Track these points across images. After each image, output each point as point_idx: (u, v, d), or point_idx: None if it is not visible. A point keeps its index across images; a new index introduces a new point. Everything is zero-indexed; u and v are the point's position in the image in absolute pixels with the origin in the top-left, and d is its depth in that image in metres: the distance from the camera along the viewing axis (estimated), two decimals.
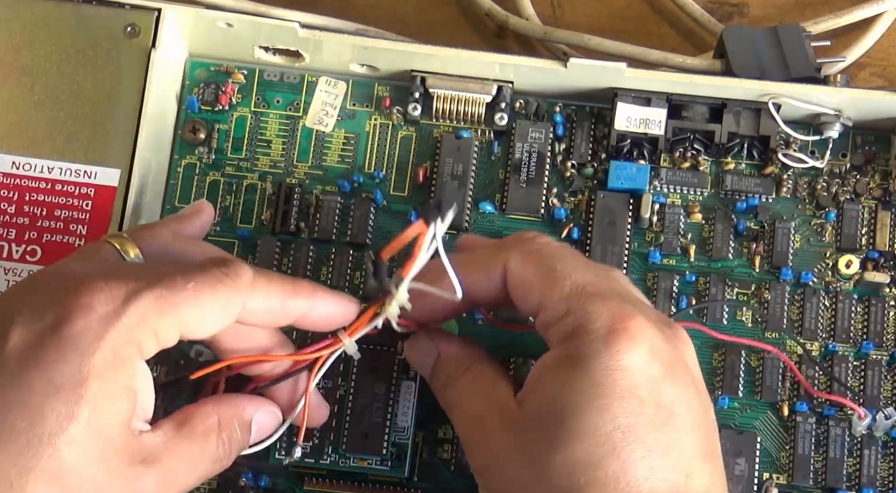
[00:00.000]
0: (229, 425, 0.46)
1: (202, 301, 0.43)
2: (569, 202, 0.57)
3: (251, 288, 0.45)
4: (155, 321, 0.42)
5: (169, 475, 0.44)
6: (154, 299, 0.42)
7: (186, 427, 0.45)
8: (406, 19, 0.66)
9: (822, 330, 0.55)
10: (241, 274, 0.45)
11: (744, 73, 0.57)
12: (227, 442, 0.46)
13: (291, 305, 0.47)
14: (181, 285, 0.43)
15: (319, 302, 0.47)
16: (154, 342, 0.43)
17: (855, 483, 0.53)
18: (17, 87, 0.55)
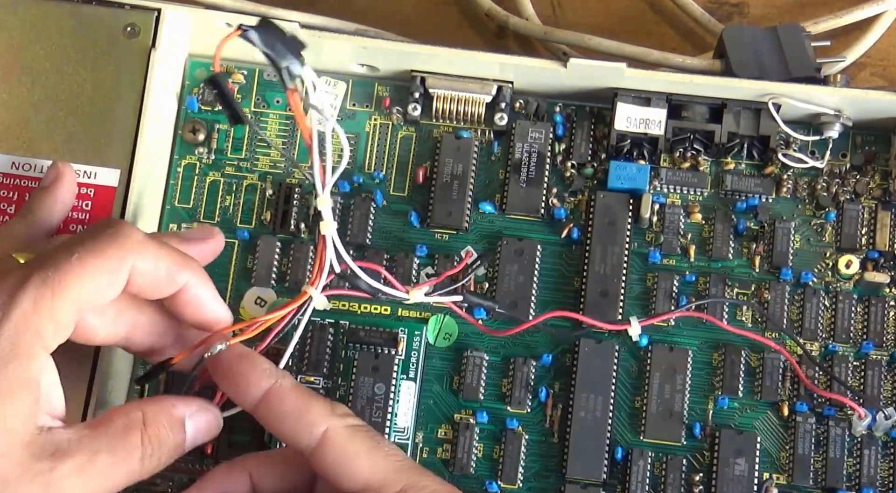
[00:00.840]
0: (155, 421, 0.45)
1: (91, 269, 0.42)
2: (569, 202, 0.57)
3: (141, 247, 0.44)
4: (49, 305, 0.42)
5: (87, 469, 0.42)
6: (41, 283, 0.41)
7: (104, 425, 0.44)
8: (406, 19, 0.66)
9: (822, 330, 0.55)
10: (128, 234, 0.44)
11: (744, 74, 0.57)
12: (153, 439, 0.44)
13: (179, 275, 0.46)
14: (65, 259, 0.42)
15: (203, 287, 0.47)
16: (53, 328, 0.42)
17: (855, 483, 0.53)
18: (17, 87, 0.55)
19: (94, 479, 0.43)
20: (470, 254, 0.56)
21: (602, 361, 0.54)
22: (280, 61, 0.46)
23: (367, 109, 0.59)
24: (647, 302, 0.56)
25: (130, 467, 0.44)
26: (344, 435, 0.45)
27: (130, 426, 0.44)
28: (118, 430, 0.44)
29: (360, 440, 0.46)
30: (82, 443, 0.43)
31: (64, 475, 0.42)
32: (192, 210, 0.57)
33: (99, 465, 0.43)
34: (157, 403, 0.46)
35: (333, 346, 0.55)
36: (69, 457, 0.42)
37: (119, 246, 0.43)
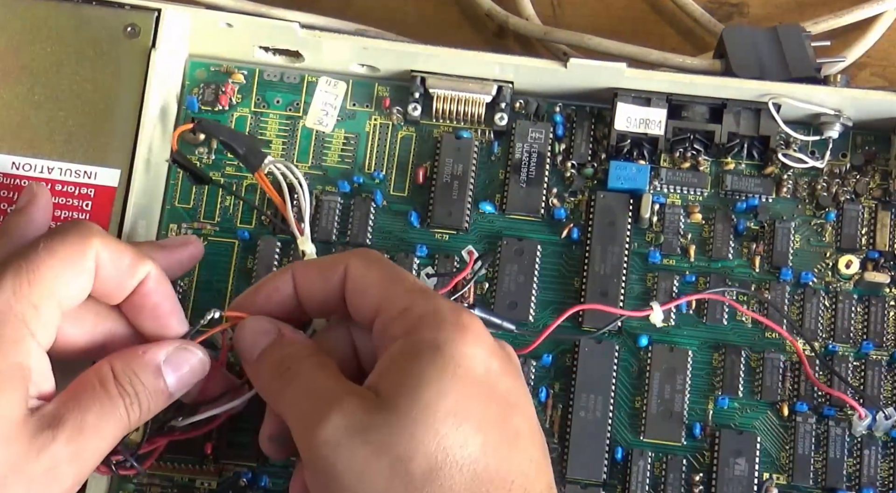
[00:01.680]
0: (124, 370, 0.45)
1: (59, 256, 0.44)
2: (569, 202, 0.57)
3: (102, 237, 0.45)
4: (27, 292, 0.43)
5: (82, 431, 0.43)
6: (15, 272, 0.43)
7: (80, 387, 0.44)
8: (406, 19, 0.66)
9: (822, 330, 0.55)
10: (90, 226, 0.45)
11: (744, 74, 0.57)
12: (127, 387, 0.45)
13: (139, 268, 0.46)
14: (33, 250, 0.44)
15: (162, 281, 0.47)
16: (37, 316, 0.43)
17: (855, 483, 0.53)
18: (17, 87, 0.55)
19: (89, 439, 0.44)
20: (472, 254, 0.56)
21: (602, 361, 0.54)
22: (240, 149, 0.53)
23: (368, 109, 0.59)
24: (647, 302, 0.55)
25: (117, 419, 0.45)
26: (361, 268, 0.46)
27: (103, 380, 0.45)
28: (94, 387, 0.45)
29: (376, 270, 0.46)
30: (68, 409, 0.44)
31: (63, 442, 0.43)
32: (192, 210, 0.57)
33: (89, 424, 0.44)
34: (125, 353, 0.46)
35: None
36: (64, 422, 0.43)
37: (81, 235, 0.45)
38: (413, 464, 0.41)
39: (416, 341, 0.43)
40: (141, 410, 0.45)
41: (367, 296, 0.46)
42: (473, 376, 0.43)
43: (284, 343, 0.47)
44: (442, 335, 0.43)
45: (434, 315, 0.44)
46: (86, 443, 0.43)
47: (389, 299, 0.45)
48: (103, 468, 0.47)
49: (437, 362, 0.42)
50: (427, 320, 0.44)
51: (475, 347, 0.43)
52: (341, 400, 0.42)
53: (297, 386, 0.45)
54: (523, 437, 0.44)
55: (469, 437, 0.42)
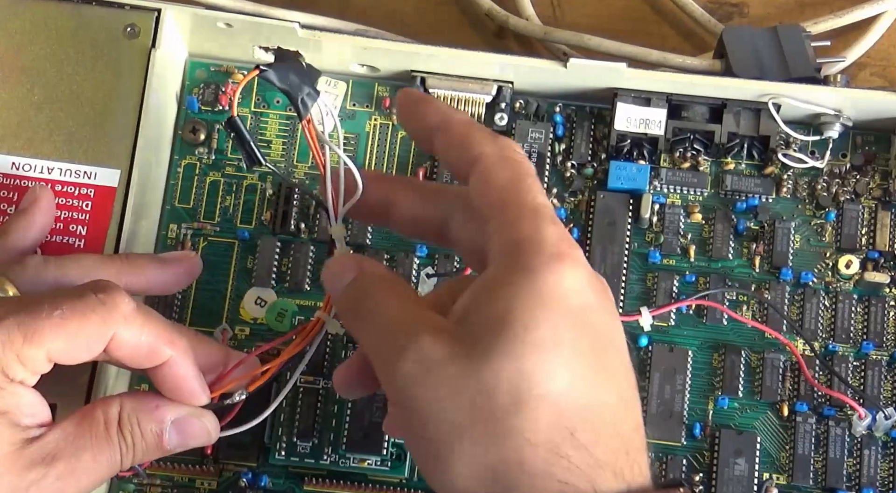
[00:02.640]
0: (131, 419, 0.45)
1: (70, 330, 0.43)
2: (569, 202, 0.57)
3: (125, 322, 0.44)
4: (18, 348, 0.42)
5: (76, 468, 0.43)
6: (16, 326, 0.42)
7: (87, 420, 0.44)
8: (406, 19, 0.66)
9: (822, 330, 0.55)
10: (118, 304, 0.43)
11: (744, 74, 0.57)
12: (126, 437, 0.45)
13: (162, 353, 0.45)
14: (48, 312, 0.42)
15: (185, 367, 0.46)
16: (21, 367, 0.43)
17: (855, 483, 0.53)
18: (17, 87, 0.55)
19: (80, 477, 0.44)
20: None
21: None
22: (296, 93, 0.47)
23: (368, 109, 0.59)
24: (647, 302, 0.56)
25: (110, 461, 0.44)
26: (494, 161, 0.44)
27: (108, 423, 0.45)
28: (99, 426, 0.44)
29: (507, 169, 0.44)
30: (67, 443, 0.43)
31: (53, 479, 0.43)
32: (192, 210, 0.57)
33: (84, 463, 0.44)
34: (139, 399, 0.46)
35: (333, 346, 0.55)
36: (59, 460, 0.43)
37: (104, 315, 0.43)
38: (496, 397, 0.39)
39: (510, 267, 0.41)
40: (133, 459, 0.45)
41: (487, 195, 0.43)
42: (567, 308, 0.40)
43: (364, 276, 0.45)
44: (536, 262, 0.40)
45: (536, 240, 0.41)
46: (75, 482, 0.43)
47: (504, 209, 0.42)
48: None
49: (528, 292, 0.40)
50: (527, 245, 0.41)
51: (571, 278, 0.40)
52: (419, 332, 0.40)
53: (375, 320, 0.43)
54: (615, 374, 0.41)
55: (557, 370, 0.39)
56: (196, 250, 0.57)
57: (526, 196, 0.42)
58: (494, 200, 0.43)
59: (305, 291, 0.56)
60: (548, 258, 0.40)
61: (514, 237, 0.41)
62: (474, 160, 0.43)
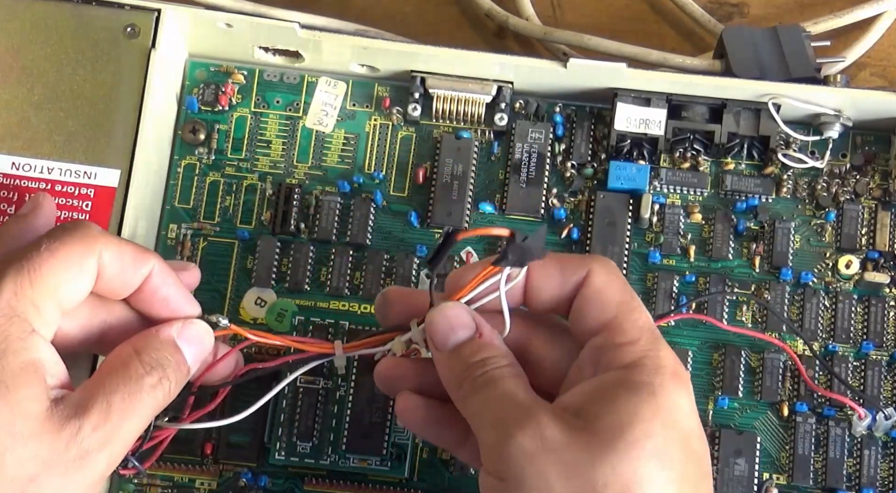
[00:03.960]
0: (147, 347, 0.46)
1: (61, 257, 0.44)
2: (569, 202, 0.57)
3: (103, 238, 0.45)
4: (29, 292, 0.43)
5: (110, 414, 0.43)
6: (16, 273, 0.43)
7: (104, 371, 0.45)
8: (406, 19, 0.66)
9: (822, 330, 0.55)
10: (91, 226, 0.45)
11: (744, 74, 0.57)
12: (152, 362, 0.45)
13: (144, 264, 0.46)
14: (35, 251, 0.44)
15: (168, 278, 0.47)
16: (38, 315, 0.43)
17: (855, 483, 0.53)
18: (17, 87, 0.55)
19: (119, 422, 0.44)
20: (470, 255, 0.56)
21: None
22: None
23: (367, 110, 0.59)
24: (647, 302, 0.55)
25: (146, 396, 0.45)
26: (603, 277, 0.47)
27: (127, 361, 0.45)
28: (118, 369, 0.45)
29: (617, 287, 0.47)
30: (93, 394, 0.44)
31: (92, 428, 0.43)
32: (192, 210, 0.57)
33: (116, 407, 0.44)
34: (142, 335, 0.47)
35: None
36: (89, 411, 0.43)
37: (84, 236, 0.45)
38: (604, 491, 0.41)
39: (634, 378, 0.44)
40: (171, 384, 0.46)
41: (602, 310, 0.46)
42: (680, 429, 0.43)
43: (483, 344, 0.46)
44: (659, 380, 0.43)
45: (657, 359, 0.44)
46: (114, 427, 0.43)
47: (621, 326, 0.45)
48: None
49: (650, 404, 0.43)
50: (649, 362, 0.44)
51: (686, 402, 0.44)
52: (539, 414, 0.43)
53: (494, 393, 0.44)
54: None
55: (667, 483, 0.42)
56: (196, 249, 0.57)
57: (641, 315, 0.46)
58: (610, 319, 0.46)
59: (305, 291, 0.56)
60: (669, 378, 0.44)
61: (638, 352, 0.45)
62: (583, 280, 0.47)
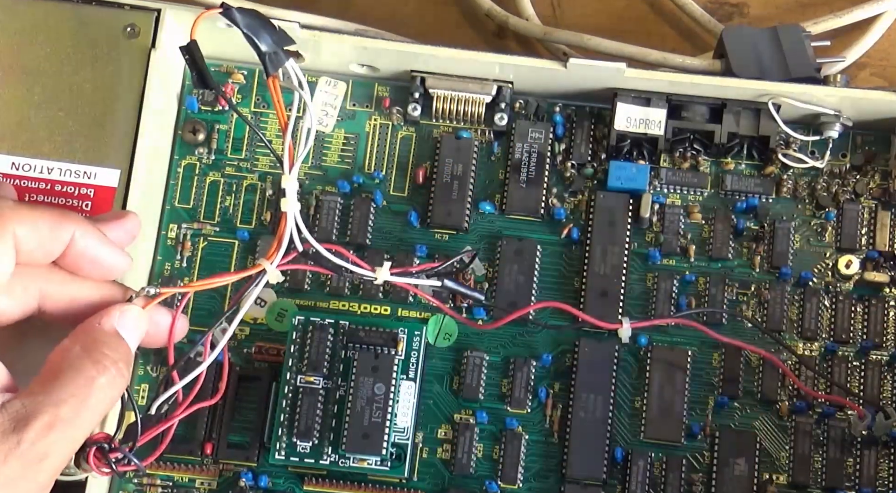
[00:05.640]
0: (94, 344, 0.44)
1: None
2: (569, 202, 0.57)
3: (14, 215, 0.44)
4: None
5: (56, 422, 0.42)
6: None
7: (51, 374, 0.43)
8: (406, 19, 0.66)
9: (822, 330, 0.55)
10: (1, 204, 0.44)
11: (744, 74, 0.57)
12: (102, 359, 0.44)
13: (63, 229, 0.45)
14: None
15: (88, 235, 0.46)
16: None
17: (855, 483, 0.53)
18: (17, 87, 0.55)
19: (67, 427, 0.42)
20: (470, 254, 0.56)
21: (602, 361, 0.54)
22: (263, 48, 0.47)
23: (367, 110, 0.59)
24: (647, 302, 0.56)
25: (99, 397, 0.43)
26: None
27: (74, 361, 0.43)
28: (65, 371, 0.43)
29: None
30: (39, 402, 0.42)
31: (34, 439, 0.41)
32: (192, 210, 0.57)
33: (65, 412, 0.42)
34: (86, 329, 0.45)
35: (333, 346, 0.55)
36: (32, 420, 0.41)
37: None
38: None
39: None
40: (121, 377, 0.44)
41: None
42: None
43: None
44: None
45: None
46: (58, 439, 0.42)
47: None
48: (105, 469, 0.47)
49: None
50: None
51: None
52: None
53: None
54: None
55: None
56: (196, 249, 0.57)
57: None
58: None
59: (305, 291, 0.56)
60: None
61: None
62: None
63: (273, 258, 0.49)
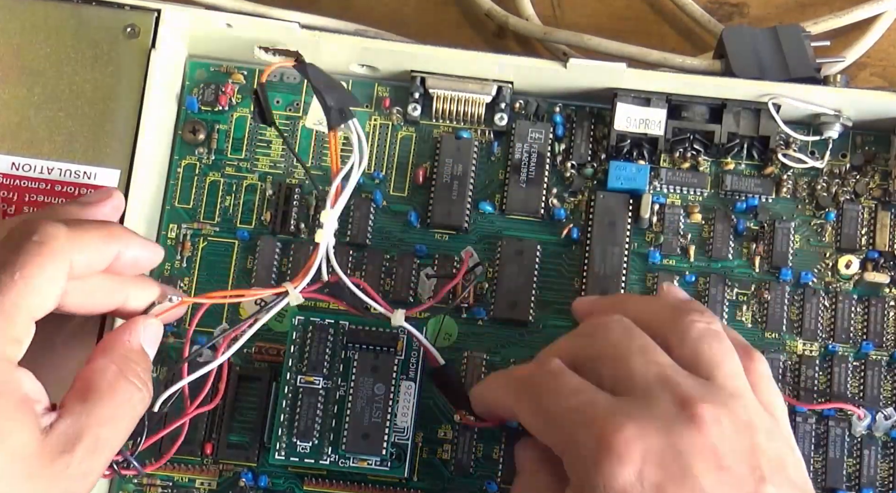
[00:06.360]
0: (127, 363, 0.46)
1: (35, 283, 0.43)
2: (569, 202, 0.57)
3: (69, 245, 0.45)
4: (9, 329, 0.43)
5: (98, 443, 0.44)
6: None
7: (91, 393, 0.45)
8: (406, 19, 0.66)
9: (822, 330, 0.55)
10: (54, 235, 0.44)
11: (744, 74, 0.57)
12: (136, 380, 0.46)
13: (108, 250, 0.47)
14: (9, 282, 0.43)
15: (131, 243, 0.48)
16: (16, 345, 0.43)
17: (855, 483, 0.53)
18: (17, 87, 0.55)
19: (107, 447, 0.44)
20: (470, 254, 0.56)
21: None
22: (330, 101, 0.52)
23: (367, 110, 0.59)
24: None
25: (132, 414, 0.46)
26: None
27: (112, 382, 0.45)
28: (106, 392, 0.45)
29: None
30: (82, 422, 0.44)
31: (81, 460, 0.43)
32: (192, 210, 0.57)
33: (105, 432, 0.44)
34: (118, 346, 0.47)
35: (333, 346, 0.55)
36: (78, 442, 0.43)
37: (52, 253, 0.44)
38: None
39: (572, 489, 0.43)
40: (146, 393, 0.46)
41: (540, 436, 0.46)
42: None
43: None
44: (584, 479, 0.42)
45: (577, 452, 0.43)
46: (99, 457, 0.44)
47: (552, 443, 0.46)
48: (107, 471, 0.47)
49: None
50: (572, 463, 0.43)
51: (617, 478, 0.41)
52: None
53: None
54: None
55: None
56: (196, 249, 0.57)
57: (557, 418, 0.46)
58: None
59: None
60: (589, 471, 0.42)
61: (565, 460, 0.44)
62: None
63: (298, 284, 0.51)
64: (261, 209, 0.57)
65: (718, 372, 0.45)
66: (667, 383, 0.44)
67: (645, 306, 0.49)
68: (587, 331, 0.48)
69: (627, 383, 0.44)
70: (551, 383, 0.46)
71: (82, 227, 0.46)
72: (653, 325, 0.47)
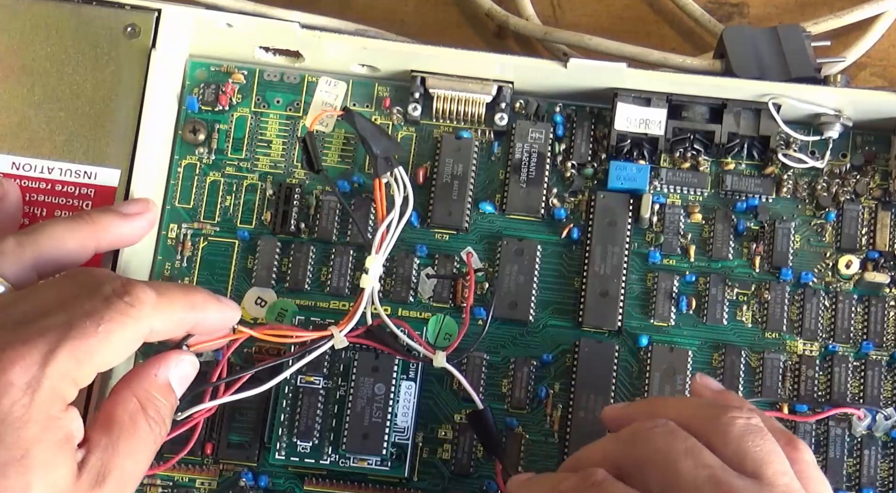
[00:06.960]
0: (150, 399, 0.46)
1: (114, 340, 0.44)
2: (569, 202, 0.57)
3: (154, 313, 0.46)
4: (75, 373, 0.43)
5: (123, 477, 0.45)
6: (69, 354, 0.43)
7: (114, 426, 0.45)
8: (406, 19, 0.66)
9: (822, 330, 0.55)
10: (144, 300, 0.45)
11: (744, 74, 0.57)
12: (155, 417, 0.46)
13: (188, 320, 0.48)
14: (91, 331, 0.44)
15: (209, 313, 0.49)
16: (75, 388, 0.44)
17: (855, 483, 0.53)
18: (17, 87, 0.55)
19: (132, 479, 0.45)
20: (470, 254, 0.56)
21: (602, 361, 0.54)
22: (376, 148, 0.54)
23: (368, 110, 0.59)
24: (647, 302, 0.56)
25: (150, 450, 0.46)
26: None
27: (133, 416, 0.46)
28: (127, 425, 0.45)
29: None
30: (108, 457, 0.44)
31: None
32: (192, 210, 0.57)
33: (129, 465, 0.45)
34: (143, 380, 0.47)
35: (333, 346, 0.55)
36: (108, 476, 0.44)
37: (138, 316, 0.45)
38: None
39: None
40: (165, 430, 0.47)
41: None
42: None
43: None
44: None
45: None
46: (126, 490, 0.45)
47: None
48: None
49: None
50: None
51: None
52: None
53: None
54: None
55: None
56: (196, 249, 0.57)
57: None
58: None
59: (305, 291, 0.56)
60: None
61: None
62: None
63: (343, 328, 0.52)
64: (261, 209, 0.57)
65: (766, 470, 0.44)
66: (719, 487, 0.43)
67: (681, 406, 0.48)
68: (628, 437, 0.46)
69: (677, 488, 0.44)
70: None
71: (168, 297, 0.47)
72: (692, 425, 0.46)
